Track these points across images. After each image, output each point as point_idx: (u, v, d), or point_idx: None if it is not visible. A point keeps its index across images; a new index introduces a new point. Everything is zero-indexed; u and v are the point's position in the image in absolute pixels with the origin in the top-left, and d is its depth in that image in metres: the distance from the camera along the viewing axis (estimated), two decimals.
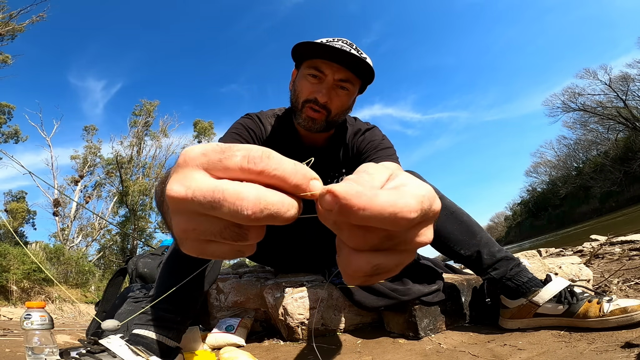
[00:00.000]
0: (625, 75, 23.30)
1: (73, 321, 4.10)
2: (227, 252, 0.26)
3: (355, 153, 1.14)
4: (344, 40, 1.00)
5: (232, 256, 0.27)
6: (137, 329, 0.84)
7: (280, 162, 0.24)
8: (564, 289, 0.90)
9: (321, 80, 0.99)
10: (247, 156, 0.23)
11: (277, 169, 0.24)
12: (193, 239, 0.25)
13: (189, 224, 0.24)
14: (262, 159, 0.24)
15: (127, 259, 1.54)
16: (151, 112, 18.43)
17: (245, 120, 1.12)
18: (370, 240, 0.23)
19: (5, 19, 12.51)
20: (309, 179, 0.25)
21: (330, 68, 0.97)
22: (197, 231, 0.24)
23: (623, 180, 22.01)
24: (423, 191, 0.23)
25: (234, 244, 0.25)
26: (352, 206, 0.21)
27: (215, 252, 0.26)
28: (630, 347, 0.69)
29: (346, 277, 0.26)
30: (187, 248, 0.26)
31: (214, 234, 0.24)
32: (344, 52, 0.93)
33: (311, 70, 0.99)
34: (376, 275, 0.25)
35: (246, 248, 0.26)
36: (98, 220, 16.97)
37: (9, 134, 15.71)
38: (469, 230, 1.02)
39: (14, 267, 6.56)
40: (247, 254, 0.27)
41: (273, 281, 1.32)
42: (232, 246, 0.25)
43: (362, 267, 0.24)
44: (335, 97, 1.00)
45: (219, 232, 0.24)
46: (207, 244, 0.25)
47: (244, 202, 0.22)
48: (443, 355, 0.85)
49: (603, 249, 2.24)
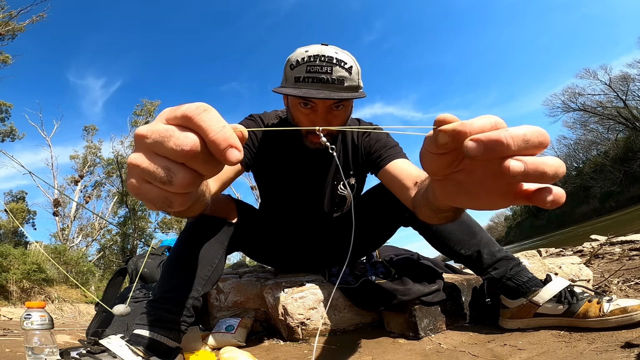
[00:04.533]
0: (625, 75, 23.30)
1: (73, 321, 4.10)
2: (156, 197, 0.32)
3: (364, 153, 1.13)
4: (322, 58, 0.89)
5: (159, 203, 0.32)
6: (138, 329, 0.83)
7: (210, 119, 0.30)
8: (564, 289, 0.90)
9: (314, 110, 0.94)
10: (186, 107, 0.31)
11: (204, 122, 0.30)
12: (136, 175, 0.32)
13: (138, 159, 0.31)
14: (197, 111, 0.30)
15: (127, 259, 1.54)
16: (152, 112, 18.42)
17: (247, 122, 1.12)
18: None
19: (5, 19, 12.50)
20: (229, 144, 0.30)
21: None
22: (140, 168, 0.31)
23: (623, 180, 21.99)
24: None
25: (162, 188, 0.31)
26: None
27: (148, 194, 0.32)
28: (630, 347, 0.69)
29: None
30: (131, 184, 0.32)
31: (150, 174, 0.30)
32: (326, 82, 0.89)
33: (298, 99, 0.94)
34: None
35: (172, 197, 0.32)
36: (98, 220, 16.98)
37: (5, 133, 15.69)
38: (469, 230, 1.02)
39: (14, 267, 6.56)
40: (173, 208, 0.32)
41: (273, 281, 1.32)
42: (160, 190, 0.31)
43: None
44: (332, 119, 0.97)
45: (155, 171, 0.30)
46: (144, 183, 0.32)
47: (180, 142, 0.29)
48: (443, 355, 0.85)
49: (603, 249, 2.24)
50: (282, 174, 1.15)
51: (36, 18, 13.00)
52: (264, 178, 1.20)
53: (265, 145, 1.11)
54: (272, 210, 1.26)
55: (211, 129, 0.30)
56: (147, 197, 0.32)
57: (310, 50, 0.91)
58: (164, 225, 18.27)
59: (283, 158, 1.13)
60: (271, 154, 1.12)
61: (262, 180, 1.21)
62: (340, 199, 1.18)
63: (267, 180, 1.19)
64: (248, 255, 1.35)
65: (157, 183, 0.31)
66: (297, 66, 0.91)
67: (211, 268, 0.97)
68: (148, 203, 0.33)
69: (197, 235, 0.98)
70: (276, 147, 1.12)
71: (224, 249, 1.02)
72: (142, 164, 0.31)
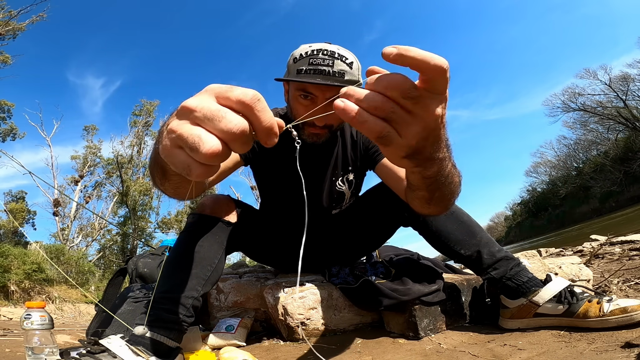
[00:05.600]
0: (625, 75, 23.29)
1: (73, 321, 4.10)
2: (181, 162, 0.35)
3: (363, 148, 1.15)
4: (324, 52, 0.93)
5: (181, 168, 0.35)
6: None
7: (264, 108, 0.35)
8: (564, 289, 0.90)
9: (313, 101, 0.95)
10: (243, 94, 0.35)
11: (258, 111, 0.35)
12: (170, 139, 0.35)
13: (178, 126, 0.35)
14: (253, 100, 0.35)
15: (127, 259, 1.54)
16: (151, 112, 18.44)
17: None
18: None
19: (5, 19, 12.50)
20: (275, 133, 0.37)
21: (318, 89, 0.94)
22: (177, 134, 0.34)
23: (623, 180, 21.99)
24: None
25: (189, 158, 0.35)
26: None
27: (175, 158, 0.36)
28: (630, 347, 0.69)
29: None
30: (163, 145, 0.37)
31: (184, 140, 0.34)
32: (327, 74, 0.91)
33: (300, 91, 0.96)
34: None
35: (195, 165, 0.35)
36: (98, 220, 16.97)
37: (5, 132, 15.68)
38: (469, 230, 1.02)
39: (15, 267, 6.55)
40: (191, 175, 0.35)
41: (273, 281, 1.32)
42: (187, 157, 0.35)
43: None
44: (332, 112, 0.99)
45: (188, 139, 0.33)
46: (175, 147, 0.35)
47: (233, 126, 0.34)
48: (443, 355, 0.85)
49: (603, 249, 2.24)
50: (280, 169, 1.15)
51: (36, 18, 13.01)
52: (263, 173, 1.20)
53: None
54: (272, 207, 1.26)
55: (264, 118, 0.35)
56: (173, 160, 0.36)
57: (314, 45, 0.95)
58: (164, 225, 18.28)
59: (282, 152, 1.13)
60: (270, 148, 1.12)
61: (261, 176, 1.22)
62: (339, 194, 1.19)
63: (266, 175, 1.20)
64: (248, 255, 1.35)
65: (187, 149, 0.34)
66: (300, 60, 0.95)
67: (211, 268, 0.97)
68: (171, 165, 0.37)
69: (197, 235, 0.99)
70: (277, 144, 1.12)
71: (224, 249, 1.02)
72: (180, 130, 0.34)
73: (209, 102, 0.35)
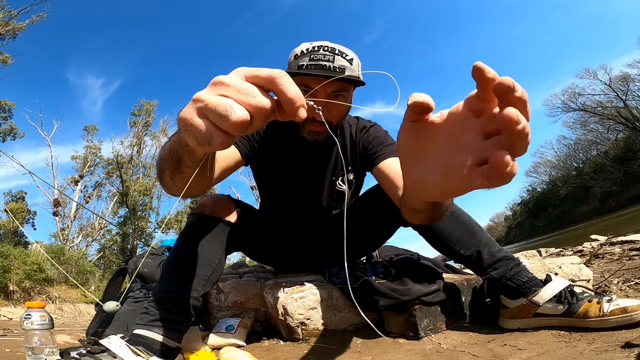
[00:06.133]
0: (625, 75, 23.29)
1: (73, 321, 4.10)
2: (205, 130, 0.38)
3: (362, 149, 1.15)
4: (325, 47, 0.95)
5: (202, 137, 0.38)
6: (138, 329, 0.83)
7: (290, 82, 0.38)
8: (564, 289, 0.90)
9: (314, 97, 0.96)
10: (271, 70, 0.38)
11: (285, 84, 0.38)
12: (195, 108, 0.38)
13: (206, 96, 0.38)
14: (280, 75, 0.38)
15: (127, 259, 1.54)
16: (151, 112, 18.43)
17: None
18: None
19: (5, 19, 12.50)
20: (302, 104, 0.39)
21: (319, 83, 0.94)
22: (205, 103, 0.37)
23: (623, 180, 21.99)
24: None
25: (216, 123, 0.37)
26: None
27: (197, 127, 0.38)
28: (630, 347, 0.69)
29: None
30: (185, 114, 0.39)
31: (212, 109, 0.37)
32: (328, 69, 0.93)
33: (301, 86, 0.96)
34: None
35: (218, 134, 0.38)
36: (98, 220, 16.97)
37: (5, 132, 15.67)
38: (469, 230, 1.02)
39: (15, 267, 6.56)
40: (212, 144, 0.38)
41: (273, 281, 1.32)
42: (211, 125, 0.38)
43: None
44: (332, 107, 0.99)
45: (218, 107, 0.36)
46: (199, 116, 0.38)
47: (262, 101, 0.38)
48: (443, 355, 0.85)
49: (603, 249, 2.24)
50: (281, 168, 1.15)
51: (36, 18, 13.01)
52: (263, 173, 1.20)
53: (266, 139, 1.12)
54: (272, 207, 1.26)
55: (290, 90, 0.38)
56: (194, 128, 0.38)
57: (315, 43, 0.97)
58: (164, 225, 18.28)
59: (282, 152, 1.13)
60: (271, 148, 1.12)
61: (261, 176, 1.22)
62: (339, 194, 1.19)
63: (266, 175, 1.20)
64: (248, 255, 1.35)
65: (214, 117, 0.37)
66: (300, 56, 0.96)
67: (211, 268, 0.97)
68: (190, 136, 0.39)
69: (197, 235, 0.99)
70: (275, 141, 1.13)
71: (224, 249, 1.02)
72: (209, 99, 0.37)
73: (240, 81, 0.38)
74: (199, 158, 0.56)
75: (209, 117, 0.38)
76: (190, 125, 0.39)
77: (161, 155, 0.66)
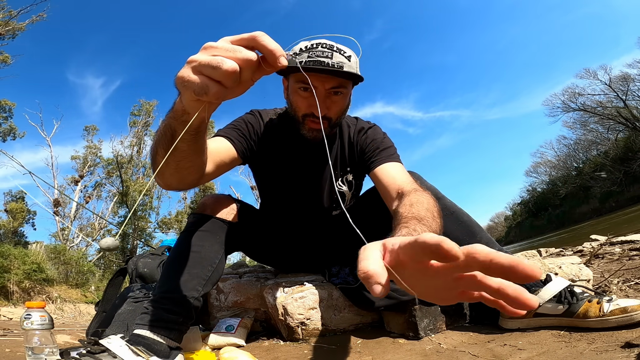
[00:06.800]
0: (625, 75, 23.29)
1: (73, 321, 4.10)
2: (201, 82, 0.46)
3: (359, 151, 1.14)
4: (323, 45, 0.97)
5: (199, 88, 0.46)
6: (138, 329, 0.83)
7: (269, 38, 0.47)
8: (564, 289, 0.90)
9: (313, 94, 0.97)
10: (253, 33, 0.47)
11: (265, 40, 0.47)
12: (192, 66, 0.47)
13: (200, 56, 0.46)
14: (260, 34, 0.47)
15: (127, 259, 1.54)
16: (150, 112, 18.42)
17: (246, 115, 1.15)
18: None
19: (5, 18, 12.50)
20: (281, 54, 0.48)
21: (318, 79, 0.96)
22: (199, 61, 0.46)
23: (623, 180, 21.98)
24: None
25: (209, 75, 0.46)
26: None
27: (193, 82, 0.46)
28: (630, 347, 0.69)
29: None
30: (181, 74, 0.47)
31: (206, 64, 0.45)
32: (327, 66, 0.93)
33: (300, 83, 0.98)
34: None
35: (212, 84, 0.46)
36: (98, 220, 16.97)
37: (5, 131, 15.65)
38: (469, 230, 1.02)
39: (15, 267, 6.55)
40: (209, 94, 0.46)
41: (273, 281, 1.32)
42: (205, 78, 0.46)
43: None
44: (331, 104, 1.00)
45: (211, 61, 0.45)
46: (195, 73, 0.46)
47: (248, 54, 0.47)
48: (443, 355, 0.85)
49: (603, 249, 2.24)
50: (280, 169, 1.15)
51: (36, 18, 13.00)
52: (263, 174, 1.20)
53: (265, 139, 1.12)
54: (272, 207, 1.26)
55: (271, 44, 0.47)
56: (191, 83, 0.46)
57: (313, 41, 0.98)
58: (164, 225, 18.28)
59: (282, 153, 1.13)
60: (270, 148, 1.12)
61: (261, 177, 1.22)
62: (340, 195, 1.19)
63: (266, 175, 1.20)
64: (248, 255, 1.35)
65: (207, 70, 0.45)
66: (299, 54, 0.97)
67: (212, 268, 0.97)
68: (188, 91, 0.47)
69: (198, 235, 0.99)
70: (275, 141, 1.13)
71: (225, 249, 1.02)
72: (202, 58, 0.46)
73: (225, 44, 0.46)
74: (194, 126, 0.60)
75: (203, 72, 0.46)
76: (187, 81, 0.46)
77: (155, 138, 0.70)
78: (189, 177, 0.78)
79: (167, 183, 0.79)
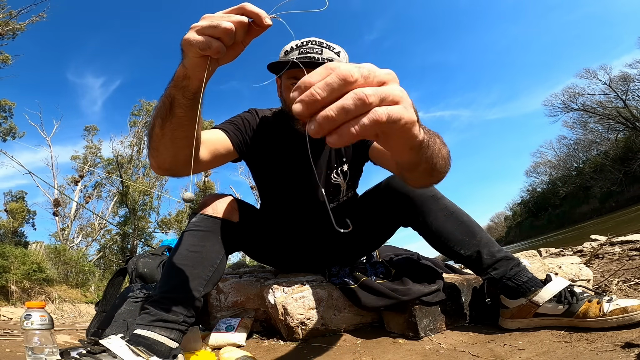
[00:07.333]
0: (625, 75, 23.29)
1: (73, 321, 4.10)
2: (202, 40, 0.57)
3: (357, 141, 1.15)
4: (313, 42, 1.01)
5: (202, 44, 0.57)
6: (138, 329, 0.83)
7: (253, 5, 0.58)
8: (564, 289, 0.90)
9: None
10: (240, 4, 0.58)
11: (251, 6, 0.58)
12: (196, 30, 0.57)
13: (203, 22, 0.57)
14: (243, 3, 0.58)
15: (127, 259, 1.54)
16: (150, 112, 18.39)
17: (244, 113, 1.17)
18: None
19: (5, 19, 12.50)
20: (265, 15, 0.58)
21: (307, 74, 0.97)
22: (201, 25, 0.57)
23: (623, 180, 21.98)
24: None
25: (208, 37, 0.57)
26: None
27: (197, 40, 0.57)
28: (630, 347, 0.69)
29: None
30: (187, 35, 0.58)
31: (208, 25, 0.56)
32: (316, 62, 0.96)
33: (292, 80, 1.02)
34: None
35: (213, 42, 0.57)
36: (98, 220, 16.97)
37: (5, 131, 15.62)
38: (469, 230, 1.02)
39: (15, 267, 6.56)
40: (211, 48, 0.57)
41: (273, 281, 1.32)
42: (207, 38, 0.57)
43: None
44: None
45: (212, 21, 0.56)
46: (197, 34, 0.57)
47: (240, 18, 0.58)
48: (443, 355, 0.85)
49: (603, 249, 2.24)
50: (276, 164, 1.16)
51: (36, 18, 13.00)
52: (260, 169, 1.21)
53: (260, 134, 1.12)
54: (271, 204, 1.26)
55: (256, 9, 0.57)
56: (195, 41, 0.57)
57: (304, 39, 1.03)
58: (164, 225, 18.28)
59: (277, 147, 1.14)
60: (265, 142, 1.13)
61: (258, 173, 1.23)
62: (335, 187, 1.19)
63: (263, 171, 1.21)
64: (249, 255, 1.35)
65: (208, 30, 0.56)
66: (290, 52, 1.02)
67: (212, 268, 0.97)
68: (193, 48, 0.57)
69: (199, 235, 0.99)
70: (270, 136, 1.14)
71: (226, 249, 1.02)
72: (203, 22, 0.57)
73: (220, 14, 0.58)
74: (192, 91, 0.66)
75: (205, 32, 0.56)
76: (192, 40, 0.57)
77: (152, 114, 0.74)
78: (183, 152, 0.75)
79: (161, 160, 0.77)
